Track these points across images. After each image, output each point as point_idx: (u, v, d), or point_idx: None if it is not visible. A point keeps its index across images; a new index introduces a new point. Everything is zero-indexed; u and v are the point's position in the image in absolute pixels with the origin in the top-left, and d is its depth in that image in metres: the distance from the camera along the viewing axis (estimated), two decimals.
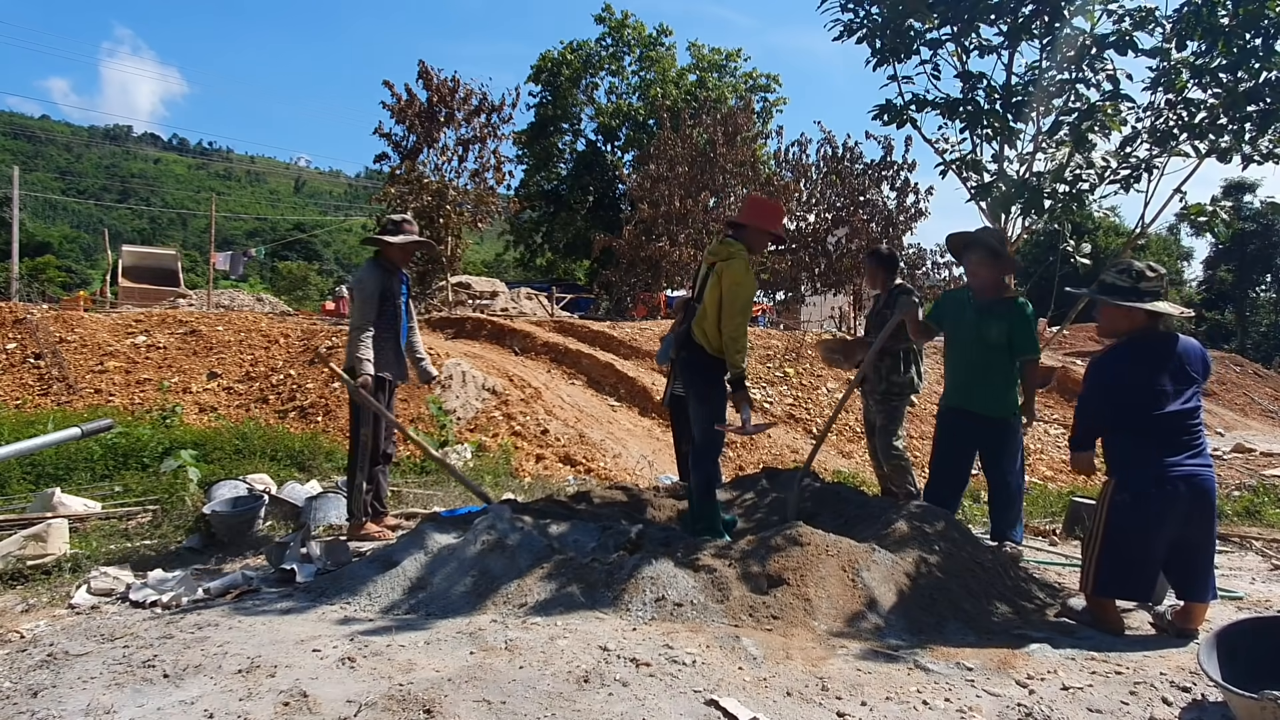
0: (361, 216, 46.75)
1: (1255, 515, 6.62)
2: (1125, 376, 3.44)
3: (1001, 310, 4.46)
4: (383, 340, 4.98)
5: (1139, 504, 3.35)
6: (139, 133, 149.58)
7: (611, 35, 39.38)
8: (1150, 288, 3.47)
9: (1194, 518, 3.36)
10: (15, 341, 12.11)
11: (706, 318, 4.29)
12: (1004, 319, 4.42)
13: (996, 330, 4.42)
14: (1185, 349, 3.47)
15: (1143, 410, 3.37)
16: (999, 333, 4.41)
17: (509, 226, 38.31)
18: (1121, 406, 3.42)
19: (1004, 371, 4.50)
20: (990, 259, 4.49)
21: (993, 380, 4.49)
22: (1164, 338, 3.49)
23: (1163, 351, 3.44)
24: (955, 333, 4.67)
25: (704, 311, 4.30)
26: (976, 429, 4.56)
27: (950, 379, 4.74)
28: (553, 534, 3.96)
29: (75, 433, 4.20)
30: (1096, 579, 3.44)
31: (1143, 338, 3.48)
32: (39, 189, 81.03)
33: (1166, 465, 3.33)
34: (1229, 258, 45.47)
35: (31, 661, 2.88)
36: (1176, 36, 5.43)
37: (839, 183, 25.80)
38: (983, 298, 4.52)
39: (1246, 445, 15.01)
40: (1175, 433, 3.37)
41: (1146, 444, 3.38)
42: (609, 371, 13.41)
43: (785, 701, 2.62)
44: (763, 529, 4.18)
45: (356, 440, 4.98)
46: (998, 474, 4.60)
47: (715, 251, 4.37)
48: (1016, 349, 4.43)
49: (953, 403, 4.66)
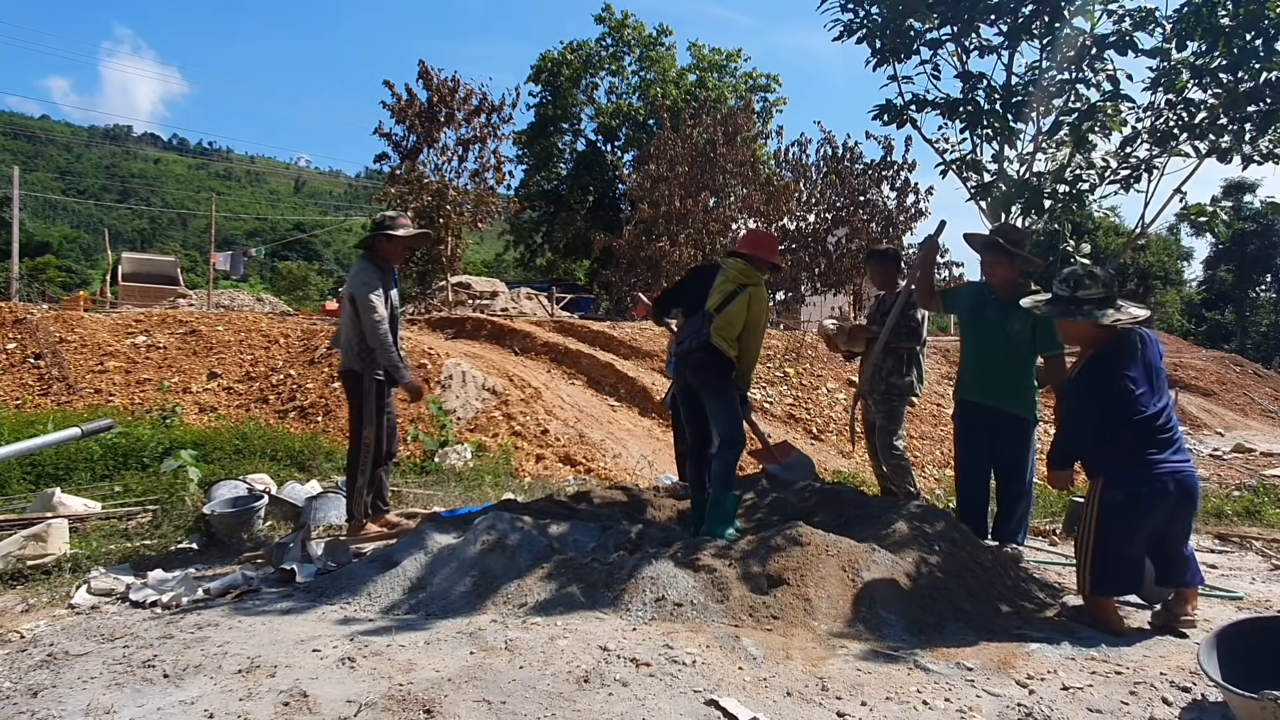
0: (361, 216, 46.75)
1: (1255, 515, 6.61)
2: (1113, 386, 3.39)
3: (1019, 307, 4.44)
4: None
5: (1132, 502, 3.36)
6: (139, 133, 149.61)
7: (611, 35, 39.37)
8: (1090, 295, 3.45)
9: (1179, 514, 3.43)
10: (15, 341, 12.11)
11: (731, 327, 4.47)
12: (1028, 314, 4.33)
13: (1020, 325, 4.37)
14: (1150, 341, 3.50)
15: (1128, 413, 3.36)
16: (1023, 327, 4.37)
17: (509, 226, 38.31)
18: (1108, 414, 3.40)
19: (1024, 369, 4.47)
20: (1006, 257, 4.46)
21: (1012, 376, 4.47)
22: (1132, 339, 3.47)
23: (1135, 354, 3.43)
24: (976, 326, 4.63)
25: (729, 321, 4.47)
26: (994, 425, 4.53)
27: (968, 373, 4.71)
28: (553, 534, 3.96)
29: (75, 433, 4.21)
30: (1094, 579, 3.44)
31: (1115, 343, 3.45)
32: (39, 189, 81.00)
33: (1154, 463, 3.36)
34: (1229, 258, 45.50)
35: (31, 661, 2.88)
36: (1176, 37, 5.42)
37: (839, 183, 25.81)
38: (1004, 294, 4.48)
39: (1246, 445, 15.02)
40: (1157, 430, 3.40)
41: (1133, 444, 3.38)
42: (609, 371, 13.42)
43: (785, 701, 2.62)
44: (763, 529, 4.18)
45: (358, 441, 4.93)
46: (1007, 474, 4.57)
47: (744, 274, 4.53)
48: (1040, 346, 4.39)
49: (970, 396, 4.63)
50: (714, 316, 4.47)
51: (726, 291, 4.50)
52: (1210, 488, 9.47)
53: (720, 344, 4.44)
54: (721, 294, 4.50)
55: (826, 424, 13.15)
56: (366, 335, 4.82)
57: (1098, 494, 3.43)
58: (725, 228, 26.39)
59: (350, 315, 4.89)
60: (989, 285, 4.61)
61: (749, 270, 4.55)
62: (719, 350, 4.45)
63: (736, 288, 4.49)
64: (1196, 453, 14.22)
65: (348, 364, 4.94)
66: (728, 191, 26.80)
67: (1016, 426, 4.50)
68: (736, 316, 4.46)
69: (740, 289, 4.49)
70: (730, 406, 4.53)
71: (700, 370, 4.55)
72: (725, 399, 4.52)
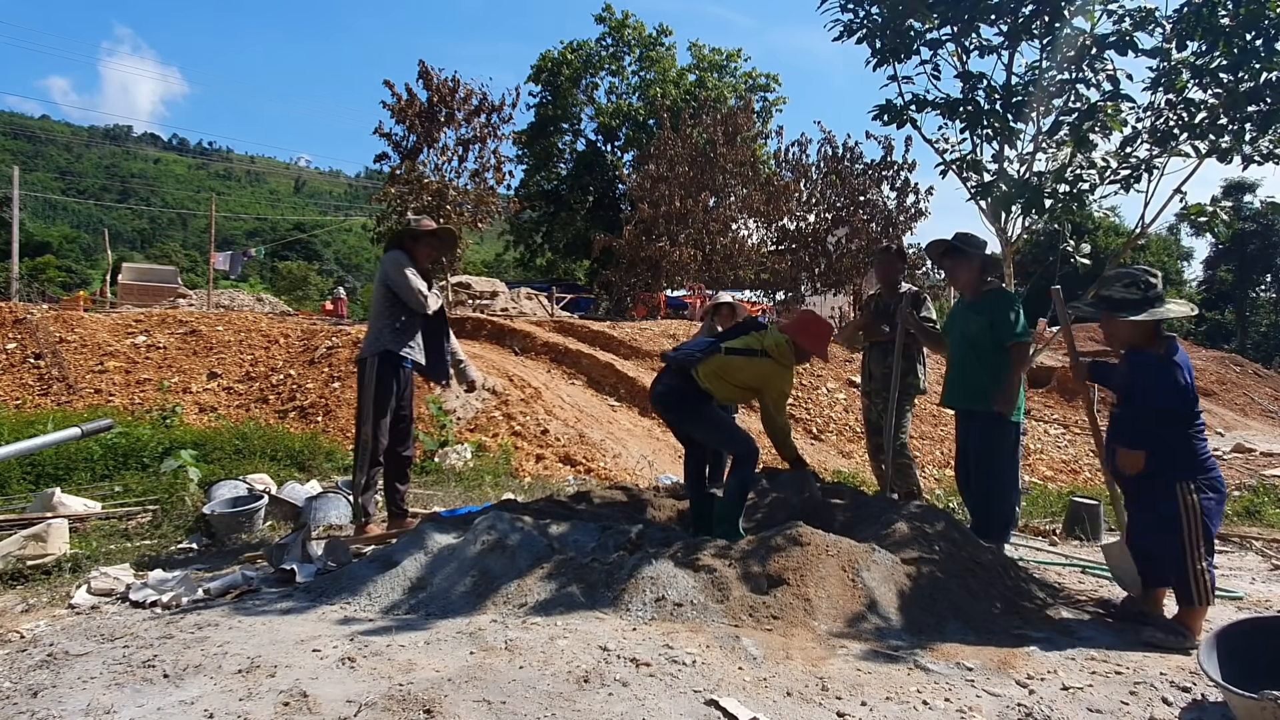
0: (361, 216, 46.72)
1: (1255, 515, 6.62)
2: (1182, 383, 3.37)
3: (982, 304, 4.53)
4: (409, 325, 4.89)
5: (1223, 502, 3.45)
6: (139, 133, 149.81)
7: (611, 35, 39.38)
8: (1156, 294, 3.47)
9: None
10: (15, 341, 12.11)
11: (726, 379, 4.30)
12: (982, 312, 4.48)
13: (975, 324, 4.48)
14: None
15: (1195, 410, 3.41)
16: (977, 326, 4.47)
17: (509, 226, 38.31)
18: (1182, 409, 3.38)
19: (986, 366, 4.48)
20: (961, 259, 4.57)
21: (973, 374, 4.52)
22: (1171, 339, 3.50)
23: (1181, 352, 3.47)
24: (951, 335, 4.77)
25: (724, 371, 4.30)
26: (966, 427, 4.65)
27: (947, 379, 4.81)
28: (553, 534, 3.96)
29: (75, 433, 4.21)
30: (1209, 586, 3.34)
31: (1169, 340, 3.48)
32: (39, 189, 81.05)
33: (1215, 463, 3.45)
34: (1229, 258, 45.49)
35: (31, 661, 2.88)
36: (1177, 36, 5.42)
37: (839, 183, 25.83)
38: (969, 297, 4.62)
39: (1246, 445, 15.01)
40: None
41: (1202, 444, 3.42)
42: (609, 371, 13.42)
43: (785, 701, 2.62)
44: (763, 529, 4.18)
45: (359, 438, 4.89)
46: (978, 472, 4.57)
47: (778, 348, 4.32)
48: (999, 337, 4.42)
49: (948, 401, 4.74)
50: (720, 350, 4.33)
51: (751, 346, 4.35)
52: None
53: (702, 379, 4.30)
54: (744, 344, 4.36)
55: (826, 424, 13.15)
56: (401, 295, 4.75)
57: (1191, 498, 3.32)
58: (725, 228, 26.43)
59: (375, 303, 4.89)
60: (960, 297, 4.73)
61: (784, 349, 4.33)
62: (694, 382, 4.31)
63: (760, 351, 4.32)
64: None
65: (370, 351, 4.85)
66: (728, 191, 26.83)
67: (984, 424, 4.50)
68: (738, 372, 4.30)
69: (763, 354, 4.31)
70: (723, 424, 4.41)
71: (672, 401, 4.43)
72: (713, 421, 4.39)
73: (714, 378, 4.32)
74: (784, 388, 4.38)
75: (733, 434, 4.46)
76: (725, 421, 4.45)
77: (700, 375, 4.33)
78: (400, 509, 5.10)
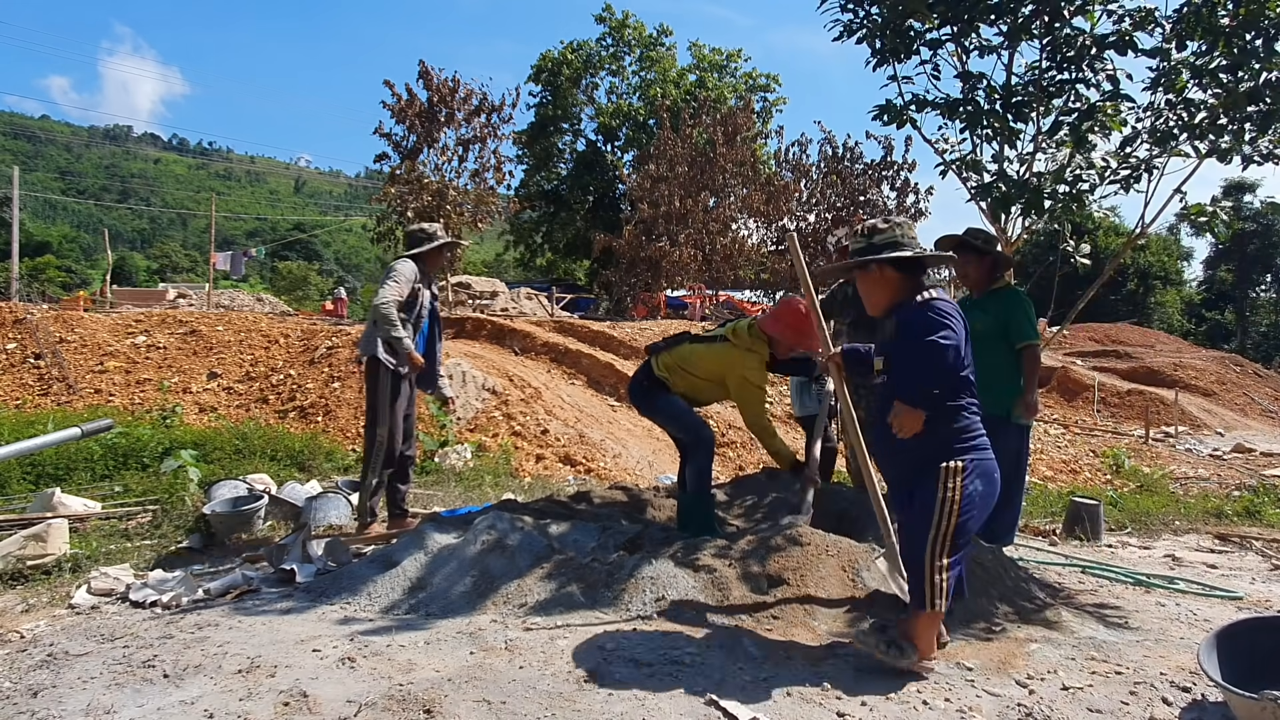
0: (361, 216, 46.70)
1: (1255, 515, 6.62)
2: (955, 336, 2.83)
3: (991, 302, 4.46)
4: (409, 326, 4.90)
5: (989, 492, 2.90)
6: (139, 133, 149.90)
7: (612, 35, 39.37)
8: (887, 240, 3.00)
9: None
10: (15, 341, 12.11)
11: (687, 370, 4.23)
12: (990, 310, 4.40)
13: (982, 322, 4.36)
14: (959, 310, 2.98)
15: (968, 379, 2.91)
16: (984, 325, 4.36)
17: (509, 226, 38.28)
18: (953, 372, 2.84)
19: (990, 366, 4.44)
20: (970, 256, 4.49)
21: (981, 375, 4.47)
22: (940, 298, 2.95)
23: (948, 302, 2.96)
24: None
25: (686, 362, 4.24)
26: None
27: None
28: (553, 534, 3.95)
29: (75, 433, 4.21)
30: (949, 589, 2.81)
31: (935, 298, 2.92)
32: (39, 189, 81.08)
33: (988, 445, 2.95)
34: (1229, 258, 45.52)
35: (31, 661, 2.88)
36: (1176, 37, 5.42)
37: (839, 183, 25.83)
38: (977, 293, 4.56)
39: (1246, 445, 15.02)
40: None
41: (974, 420, 2.92)
42: (609, 371, 13.41)
43: (785, 701, 2.62)
44: (763, 529, 4.18)
45: (371, 438, 4.89)
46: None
47: (735, 332, 4.19)
48: (1012, 337, 4.38)
49: None
50: (684, 343, 4.32)
51: (713, 334, 4.33)
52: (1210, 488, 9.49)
53: (660, 368, 4.28)
54: (709, 333, 4.37)
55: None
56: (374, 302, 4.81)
57: (956, 484, 2.81)
58: (725, 228, 26.41)
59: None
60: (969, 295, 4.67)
61: (742, 333, 4.16)
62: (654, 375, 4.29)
63: (720, 337, 4.25)
64: (1196, 453, 14.23)
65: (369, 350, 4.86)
66: (728, 191, 26.82)
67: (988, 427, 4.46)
68: (700, 362, 4.21)
69: (721, 340, 4.22)
70: (674, 411, 4.32)
71: (634, 400, 4.46)
72: (665, 409, 4.33)
73: (674, 369, 4.27)
74: (745, 374, 4.11)
75: (682, 420, 4.33)
76: (677, 408, 4.32)
77: (659, 365, 4.31)
78: (401, 509, 5.11)
